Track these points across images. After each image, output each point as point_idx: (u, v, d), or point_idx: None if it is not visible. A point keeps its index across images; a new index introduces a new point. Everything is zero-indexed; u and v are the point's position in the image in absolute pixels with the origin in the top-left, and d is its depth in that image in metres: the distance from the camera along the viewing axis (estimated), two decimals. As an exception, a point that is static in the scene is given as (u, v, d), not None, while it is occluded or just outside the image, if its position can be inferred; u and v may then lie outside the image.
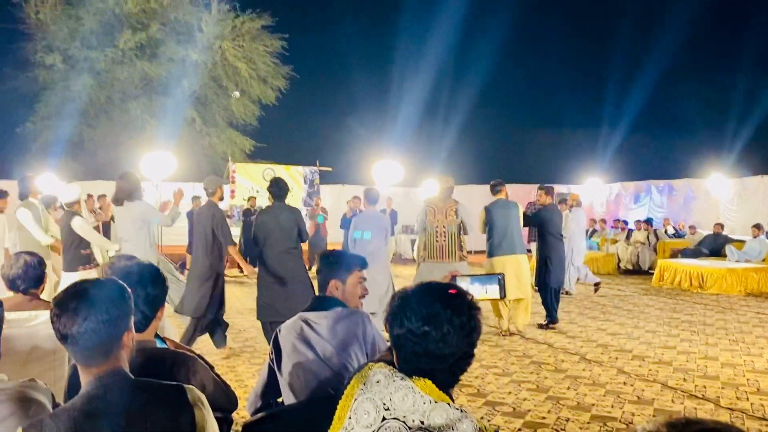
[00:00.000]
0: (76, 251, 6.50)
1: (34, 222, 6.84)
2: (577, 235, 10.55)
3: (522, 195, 19.95)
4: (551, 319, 7.88)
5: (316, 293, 3.03)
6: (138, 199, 6.11)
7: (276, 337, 2.80)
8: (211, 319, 6.20)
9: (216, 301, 6.20)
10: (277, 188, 6.25)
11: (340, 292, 2.87)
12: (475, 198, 18.91)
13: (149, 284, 2.30)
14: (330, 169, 18.50)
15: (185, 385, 1.82)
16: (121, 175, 6.20)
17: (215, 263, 6.22)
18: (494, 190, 7.60)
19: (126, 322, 1.77)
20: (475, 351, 1.63)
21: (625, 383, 5.37)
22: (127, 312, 1.79)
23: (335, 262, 2.91)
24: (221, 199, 6.48)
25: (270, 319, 5.91)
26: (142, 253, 5.47)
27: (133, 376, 1.76)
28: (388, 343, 1.78)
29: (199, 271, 6.18)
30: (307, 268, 6.44)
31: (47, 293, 4.14)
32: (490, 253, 7.39)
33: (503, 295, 2.60)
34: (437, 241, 7.02)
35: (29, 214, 6.85)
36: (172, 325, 5.73)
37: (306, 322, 2.76)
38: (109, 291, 1.76)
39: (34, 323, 2.87)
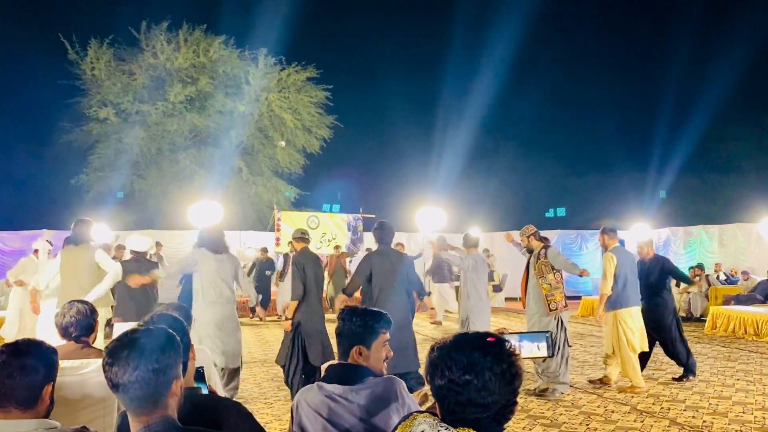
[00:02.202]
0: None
1: (109, 260, 6.57)
2: None
3: (568, 241, 19.76)
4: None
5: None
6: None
7: (299, 416, 2.48)
8: None
9: None
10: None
11: (365, 358, 2.54)
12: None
13: (182, 333, 2.35)
14: (373, 215, 18.60)
15: None
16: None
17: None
18: (611, 235, 7.16)
19: (175, 371, 1.81)
20: (523, 401, 1.62)
21: (678, 435, 5.20)
22: (176, 360, 1.82)
23: (361, 325, 2.56)
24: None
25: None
26: None
27: (181, 425, 1.79)
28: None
29: None
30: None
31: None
32: (616, 304, 6.88)
33: (551, 353, 2.55)
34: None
35: (104, 254, 6.61)
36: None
37: (332, 398, 2.43)
38: (159, 339, 1.81)
39: (85, 371, 2.94)
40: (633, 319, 6.89)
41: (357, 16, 34.59)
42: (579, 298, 15.32)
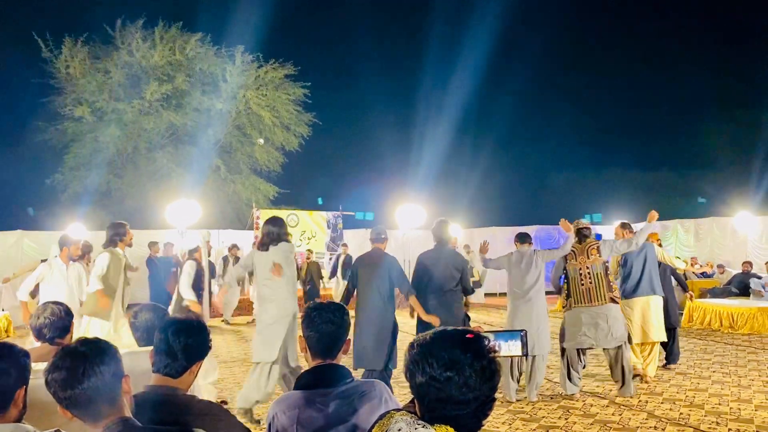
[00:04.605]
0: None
1: (102, 270, 6.22)
2: None
3: (547, 237, 19.87)
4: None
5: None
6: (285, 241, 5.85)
7: (276, 427, 2.32)
8: None
9: None
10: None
11: (346, 348, 2.49)
12: (498, 240, 18.89)
13: (191, 334, 2.36)
14: (352, 213, 18.61)
15: (195, 429, 1.85)
16: (271, 220, 5.93)
17: None
18: (628, 228, 7.37)
19: (121, 369, 1.85)
20: (503, 397, 1.61)
21: (655, 428, 5.25)
22: (119, 359, 1.86)
23: (342, 317, 2.48)
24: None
25: None
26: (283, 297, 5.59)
27: (139, 424, 1.79)
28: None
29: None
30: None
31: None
32: (628, 294, 7.07)
33: (526, 352, 2.53)
34: (582, 284, 6.49)
35: (106, 260, 6.23)
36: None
37: (311, 404, 2.29)
38: (97, 345, 1.85)
39: (60, 373, 2.89)
40: (633, 310, 7.00)
41: (334, 13, 34.54)
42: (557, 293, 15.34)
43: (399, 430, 1.59)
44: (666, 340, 7.24)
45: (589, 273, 6.47)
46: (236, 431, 2.37)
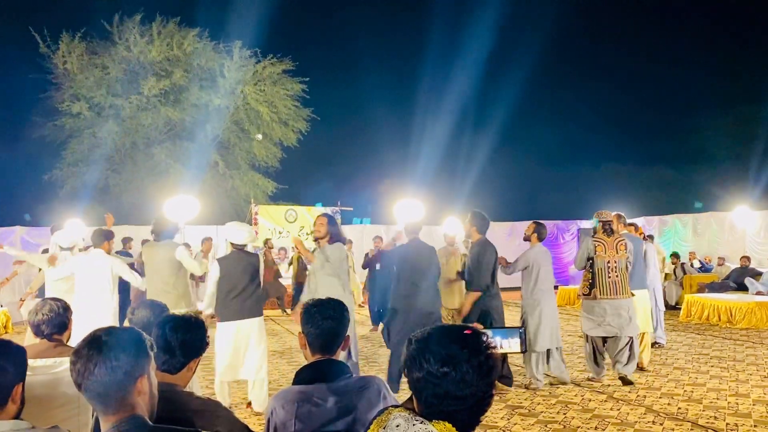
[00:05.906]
0: (262, 293, 6.17)
1: (190, 258, 6.25)
2: None
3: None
4: None
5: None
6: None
7: (275, 422, 2.32)
8: None
9: None
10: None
11: (345, 344, 2.50)
12: (497, 235, 18.89)
13: (188, 330, 2.39)
14: (351, 208, 18.60)
15: None
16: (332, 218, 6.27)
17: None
18: (623, 222, 7.58)
19: (140, 369, 1.80)
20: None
21: (654, 422, 5.26)
22: (141, 358, 1.81)
23: (342, 314, 2.49)
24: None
25: None
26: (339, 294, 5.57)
27: (151, 423, 1.77)
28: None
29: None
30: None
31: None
32: None
33: (524, 349, 2.54)
34: (609, 276, 6.65)
35: (185, 251, 6.27)
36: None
37: (309, 400, 2.29)
38: (121, 338, 1.80)
39: (58, 370, 2.90)
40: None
41: (333, 8, 34.44)
42: (556, 287, 15.33)
43: (397, 426, 1.60)
44: (652, 330, 7.54)
45: (616, 267, 6.71)
46: (234, 427, 2.37)
